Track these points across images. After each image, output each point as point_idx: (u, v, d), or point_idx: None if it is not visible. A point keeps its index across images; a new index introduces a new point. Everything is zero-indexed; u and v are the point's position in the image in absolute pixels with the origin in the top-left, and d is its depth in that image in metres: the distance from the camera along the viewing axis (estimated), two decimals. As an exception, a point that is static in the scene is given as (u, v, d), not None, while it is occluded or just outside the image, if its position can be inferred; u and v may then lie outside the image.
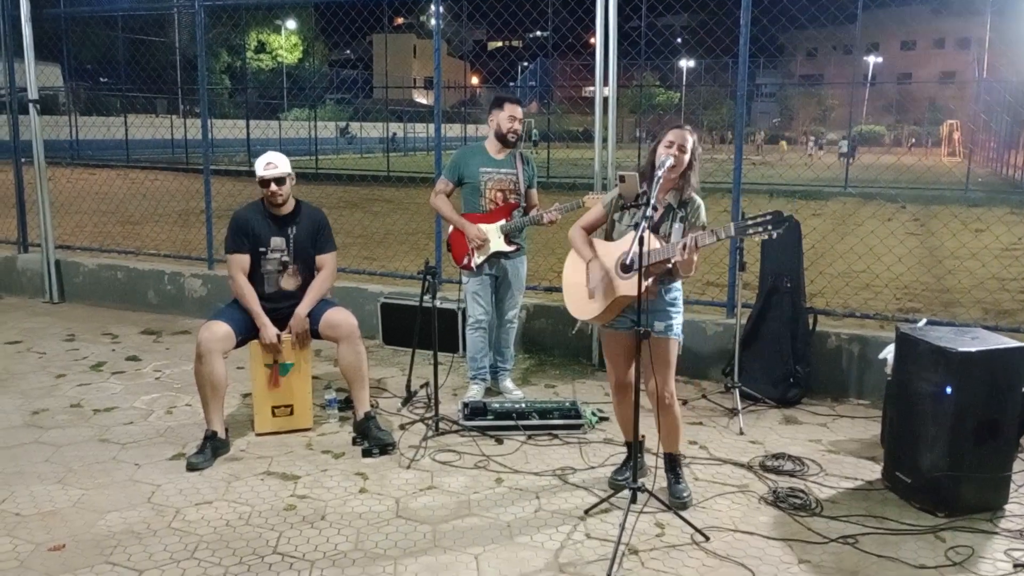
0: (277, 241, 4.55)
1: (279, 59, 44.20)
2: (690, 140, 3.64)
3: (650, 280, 3.58)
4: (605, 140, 5.65)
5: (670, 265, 3.62)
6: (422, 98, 49.75)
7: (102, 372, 5.72)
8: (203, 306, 6.97)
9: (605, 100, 5.60)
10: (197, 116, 33.53)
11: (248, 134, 24.01)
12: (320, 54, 47.28)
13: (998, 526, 3.66)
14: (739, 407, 4.92)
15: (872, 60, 47.88)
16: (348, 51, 55.67)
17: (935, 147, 39.41)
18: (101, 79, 36.78)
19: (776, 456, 4.37)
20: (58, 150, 23.38)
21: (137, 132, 26.25)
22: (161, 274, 7.37)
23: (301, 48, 46.11)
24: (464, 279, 5.20)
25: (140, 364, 5.91)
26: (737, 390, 5.02)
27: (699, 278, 8.00)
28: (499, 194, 5.03)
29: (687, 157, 3.65)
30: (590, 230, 3.94)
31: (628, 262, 3.60)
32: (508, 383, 5.30)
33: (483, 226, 5.00)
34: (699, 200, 3.74)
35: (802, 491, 3.96)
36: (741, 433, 4.73)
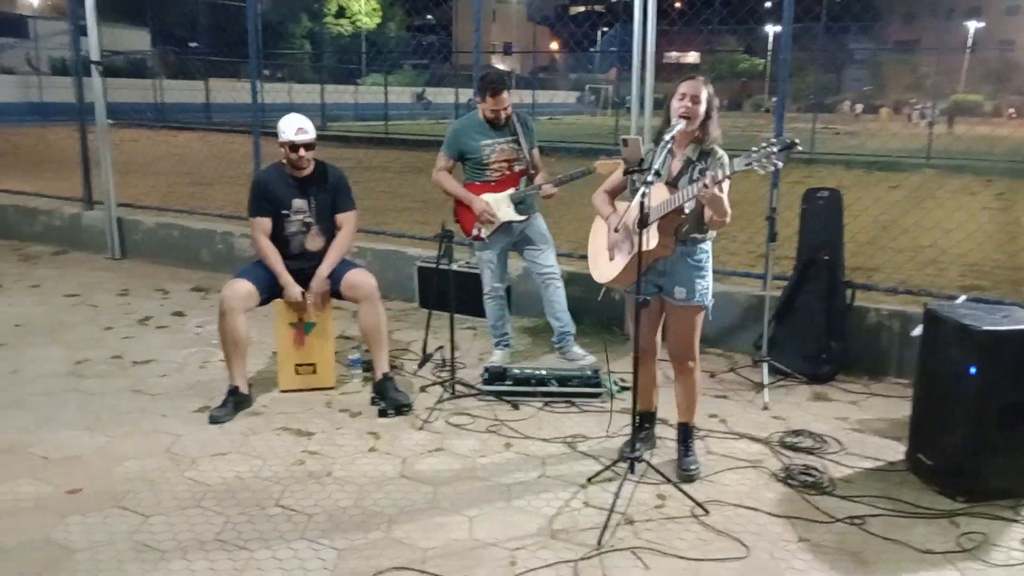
0: (299, 203, 4.61)
1: (358, 24, 44.55)
2: (704, 91, 3.52)
3: (660, 234, 3.49)
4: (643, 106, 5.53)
5: (684, 215, 3.50)
6: (500, 63, 49.60)
7: (147, 326, 5.94)
8: (251, 265, 7.15)
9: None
10: (279, 80, 34.21)
11: (323, 99, 24.35)
12: (399, 19, 47.45)
13: (1020, 514, 3.49)
14: (765, 381, 4.79)
15: (973, 25, 45.35)
16: (429, 16, 55.66)
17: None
18: (190, 44, 37.81)
19: (796, 432, 4.25)
20: (145, 112, 24.19)
21: (218, 96, 26.90)
22: (213, 233, 7.58)
23: (380, 13, 46.40)
24: (476, 249, 5.16)
25: (184, 320, 6.11)
26: (765, 364, 4.89)
27: (750, 249, 7.79)
28: (504, 164, 4.94)
29: (702, 108, 3.53)
30: (613, 195, 3.87)
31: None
32: (576, 349, 5.17)
33: (491, 197, 4.91)
34: (721, 152, 3.59)
35: (816, 469, 3.84)
36: (765, 408, 4.61)
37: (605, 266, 3.76)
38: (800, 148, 3.24)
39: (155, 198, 9.49)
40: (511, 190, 4.95)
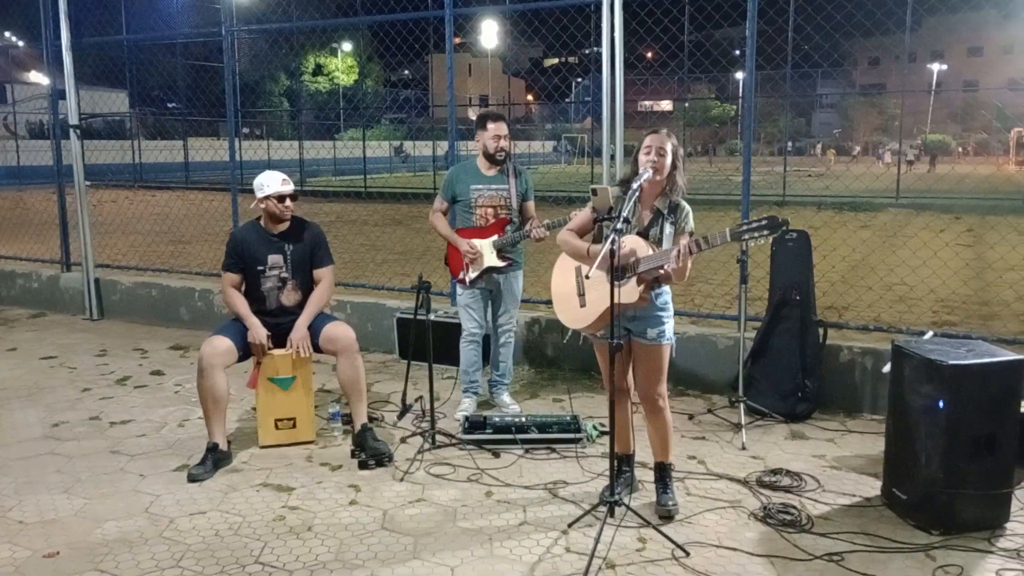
0: (275, 258, 4.66)
1: (336, 81, 45.17)
2: (669, 143, 3.65)
3: (641, 287, 3.58)
4: (613, 156, 5.67)
5: (662, 271, 3.57)
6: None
7: (126, 386, 5.92)
8: (231, 322, 7.15)
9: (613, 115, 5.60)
10: (257, 138, 34.48)
11: (301, 155, 24.57)
12: (376, 74, 48.16)
13: (995, 545, 3.53)
14: (743, 422, 4.84)
15: (936, 68, 46.54)
16: (406, 71, 56.51)
17: (1005, 155, 38.09)
18: (168, 104, 38.15)
19: (774, 471, 4.29)
20: (123, 173, 24.28)
21: (198, 155, 27.10)
22: (192, 291, 7.60)
23: (356, 69, 47.08)
24: (458, 294, 5.25)
25: (163, 378, 6.09)
26: (742, 405, 4.95)
27: (725, 292, 7.91)
28: (489, 210, 5.07)
29: (668, 160, 3.65)
30: (580, 235, 3.91)
31: (619, 267, 3.56)
32: (505, 397, 5.32)
33: (476, 241, 5.05)
34: (686, 206, 3.73)
35: (794, 507, 3.87)
36: (743, 448, 4.66)
37: (577, 311, 3.81)
38: (789, 227, 3.41)
39: (134, 258, 9.51)
40: (494, 236, 5.05)
